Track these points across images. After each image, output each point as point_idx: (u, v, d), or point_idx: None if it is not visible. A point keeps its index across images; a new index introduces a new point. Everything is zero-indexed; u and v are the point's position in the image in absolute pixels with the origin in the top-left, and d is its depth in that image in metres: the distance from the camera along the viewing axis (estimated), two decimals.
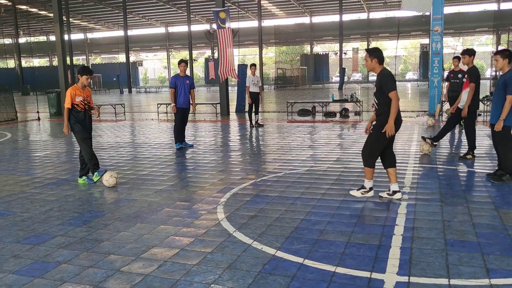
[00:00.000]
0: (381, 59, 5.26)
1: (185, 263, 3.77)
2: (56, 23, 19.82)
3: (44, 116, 19.11)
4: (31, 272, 3.68)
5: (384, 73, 5.22)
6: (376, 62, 5.25)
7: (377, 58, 5.24)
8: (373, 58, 5.24)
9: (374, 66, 5.27)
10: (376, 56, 5.24)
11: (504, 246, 3.95)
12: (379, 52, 5.32)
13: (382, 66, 5.29)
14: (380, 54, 5.28)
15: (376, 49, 5.39)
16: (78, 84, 6.64)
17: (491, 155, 7.91)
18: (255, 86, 13.23)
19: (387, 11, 55.90)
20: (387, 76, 5.19)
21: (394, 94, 5.10)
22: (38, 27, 63.76)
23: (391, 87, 5.13)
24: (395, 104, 5.11)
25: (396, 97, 5.10)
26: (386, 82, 5.16)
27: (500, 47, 38.75)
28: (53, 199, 5.89)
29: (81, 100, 6.56)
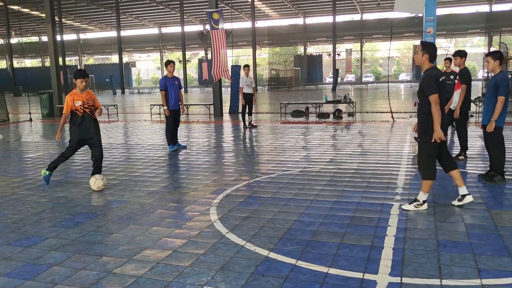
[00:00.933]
0: (433, 56, 4.94)
1: (178, 264, 3.76)
2: (48, 24, 19.71)
3: (36, 117, 18.99)
4: (22, 274, 3.66)
5: (428, 74, 4.91)
6: (427, 58, 4.93)
7: (428, 54, 4.92)
8: (424, 53, 4.92)
9: (423, 62, 4.96)
10: (428, 52, 4.92)
11: (496, 246, 3.97)
12: (433, 48, 4.97)
13: (431, 64, 4.97)
14: (433, 51, 4.94)
15: (431, 44, 5.04)
16: (75, 89, 6.52)
17: (483, 156, 7.96)
18: (249, 87, 13.24)
19: (380, 13, 56.22)
20: (431, 77, 4.86)
21: (434, 98, 4.77)
22: (30, 28, 63.38)
23: (432, 90, 4.79)
24: (435, 109, 4.77)
25: (435, 101, 4.76)
26: (427, 83, 4.86)
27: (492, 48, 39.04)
28: (45, 201, 5.85)
29: (80, 105, 6.40)
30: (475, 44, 66.51)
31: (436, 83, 4.86)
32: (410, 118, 15.02)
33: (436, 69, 5.02)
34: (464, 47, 61.03)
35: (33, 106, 22.17)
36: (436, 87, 4.83)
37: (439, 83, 4.90)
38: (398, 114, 15.83)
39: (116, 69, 52.01)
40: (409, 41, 65.11)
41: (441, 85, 4.91)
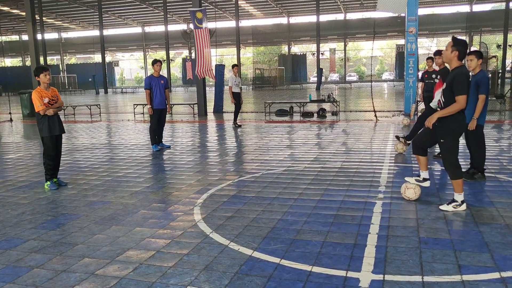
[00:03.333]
0: (463, 54, 4.78)
1: (161, 265, 3.74)
2: (28, 22, 19.43)
3: (16, 117, 18.67)
4: (2, 277, 3.59)
5: (461, 72, 4.73)
6: (456, 55, 4.76)
7: (458, 52, 4.74)
8: (454, 50, 4.75)
9: (451, 59, 4.80)
10: (459, 49, 4.74)
11: (476, 243, 4.04)
12: (464, 46, 4.78)
13: (460, 63, 4.78)
14: (464, 49, 4.77)
15: (462, 42, 4.83)
16: (40, 86, 6.38)
17: (464, 154, 8.07)
18: (237, 87, 13.29)
19: (364, 12, 56.68)
20: (463, 77, 4.69)
21: (462, 99, 4.64)
22: (10, 26, 62.28)
23: (463, 90, 4.63)
24: (455, 107, 4.68)
25: (462, 102, 4.64)
26: (459, 83, 4.67)
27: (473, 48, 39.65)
28: (26, 202, 5.76)
29: (47, 102, 6.32)
30: None
31: (468, 83, 4.75)
32: (393, 117, 15.17)
33: (465, 68, 4.87)
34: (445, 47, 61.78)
35: (13, 106, 21.81)
36: (467, 87, 4.70)
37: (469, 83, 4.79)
38: (381, 113, 15.98)
39: (99, 69, 51.42)
40: (392, 40, 65.80)
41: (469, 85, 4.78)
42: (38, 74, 6.33)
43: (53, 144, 6.45)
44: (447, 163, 5.01)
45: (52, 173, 6.52)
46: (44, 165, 6.51)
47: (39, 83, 6.41)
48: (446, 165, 5.05)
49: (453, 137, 4.91)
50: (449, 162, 4.98)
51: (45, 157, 6.47)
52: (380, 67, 76.65)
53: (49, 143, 6.41)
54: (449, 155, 4.97)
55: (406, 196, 5.39)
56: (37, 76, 6.35)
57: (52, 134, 6.41)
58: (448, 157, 4.98)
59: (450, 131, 4.87)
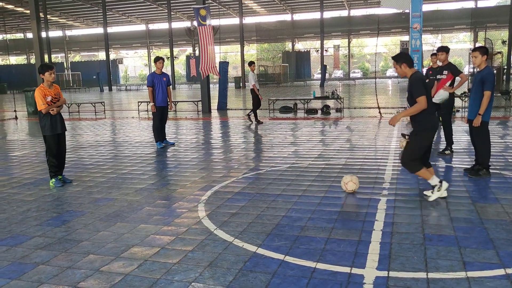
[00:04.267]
0: (410, 62, 5.08)
1: (166, 261, 3.75)
2: (33, 20, 19.48)
3: (21, 115, 18.74)
4: (8, 274, 3.62)
5: (415, 77, 5.04)
6: (406, 66, 5.06)
7: (405, 63, 5.06)
8: (401, 63, 5.07)
9: (404, 72, 5.09)
10: (404, 61, 5.06)
11: (480, 239, 4.03)
12: (405, 56, 5.12)
13: (413, 70, 5.09)
14: (407, 58, 5.09)
15: (401, 54, 5.19)
16: (43, 83, 6.38)
17: (469, 151, 8.05)
18: (257, 83, 13.40)
19: (368, 9, 56.42)
20: (418, 81, 4.99)
21: (422, 99, 4.90)
22: (14, 24, 62.46)
23: (421, 92, 4.92)
24: (417, 107, 4.94)
25: (422, 102, 4.90)
26: (416, 86, 4.98)
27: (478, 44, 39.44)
28: (31, 199, 5.79)
29: (50, 100, 6.32)
30: (461, 40, 67.15)
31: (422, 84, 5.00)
32: (398, 113, 15.12)
33: (418, 72, 5.15)
34: (450, 43, 61.60)
35: (18, 103, 21.90)
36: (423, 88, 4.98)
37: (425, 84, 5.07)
38: (386, 110, 15.94)
39: (103, 66, 51.52)
40: (396, 37, 65.48)
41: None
42: (43, 72, 6.33)
43: (55, 142, 6.47)
44: (405, 157, 5.20)
45: (57, 171, 6.54)
46: (48, 162, 6.53)
47: (42, 80, 6.41)
48: (403, 159, 5.23)
49: (424, 136, 5.13)
50: (408, 157, 5.18)
51: (48, 155, 6.50)
52: (384, 64, 76.32)
53: (51, 141, 6.44)
54: (412, 151, 5.16)
55: (349, 190, 5.58)
56: (42, 73, 6.34)
57: (54, 133, 6.43)
58: (410, 152, 5.17)
59: (423, 130, 5.09)
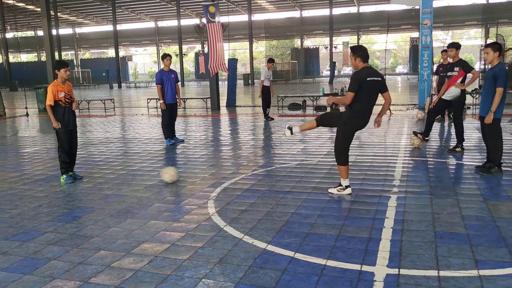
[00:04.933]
0: (364, 57, 5.19)
1: (176, 258, 3.77)
2: (43, 18, 19.61)
3: (32, 112, 18.90)
4: (21, 269, 3.65)
5: (353, 74, 5.25)
6: (360, 60, 5.19)
7: (360, 57, 5.18)
8: (356, 57, 5.20)
9: (357, 65, 5.22)
10: (360, 54, 5.19)
11: (493, 237, 3.99)
12: (362, 50, 5.24)
13: (366, 64, 5.21)
14: (363, 52, 5.21)
15: (359, 47, 5.30)
16: (58, 79, 6.45)
17: (480, 148, 7.98)
18: (268, 80, 13.35)
19: (377, 5, 55.97)
20: (354, 77, 5.18)
21: (348, 95, 5.15)
22: (25, 22, 62.92)
23: (351, 88, 5.12)
24: (342, 99, 5.35)
25: (349, 98, 5.13)
26: (351, 82, 5.17)
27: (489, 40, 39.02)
28: (43, 195, 5.84)
29: (63, 96, 6.40)
30: (472, 36, 66.47)
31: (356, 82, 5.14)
32: (407, 110, 15.03)
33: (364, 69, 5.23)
34: (461, 39, 61.00)
35: (29, 100, 22.09)
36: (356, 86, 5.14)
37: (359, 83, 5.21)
38: (395, 107, 15.84)
39: (113, 63, 51.71)
40: (406, 33, 65.00)
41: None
42: (59, 68, 6.42)
43: (68, 138, 6.52)
44: (335, 148, 5.46)
45: (68, 167, 6.60)
46: (59, 158, 6.59)
47: (56, 76, 6.47)
48: (335, 149, 5.47)
49: (344, 128, 5.32)
50: (336, 148, 5.43)
51: (60, 151, 6.56)
52: (393, 61, 75.88)
53: (63, 137, 6.50)
54: (337, 141, 5.43)
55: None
56: (58, 70, 6.43)
57: (66, 129, 6.50)
58: (337, 143, 5.44)
59: (343, 122, 5.31)
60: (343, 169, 5.41)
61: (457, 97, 7.97)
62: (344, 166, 5.39)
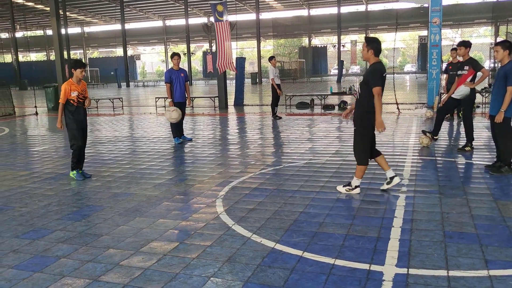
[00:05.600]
0: (377, 50, 5.15)
1: (185, 256, 3.78)
2: (52, 17, 19.71)
3: (41, 110, 19.05)
4: (31, 266, 3.69)
5: (373, 68, 5.14)
6: (372, 53, 5.13)
7: (373, 50, 5.12)
8: (369, 48, 5.13)
9: (369, 57, 5.17)
10: (373, 47, 5.12)
11: (503, 237, 3.96)
12: (377, 43, 5.17)
13: (377, 58, 5.19)
14: (377, 45, 5.15)
15: (374, 39, 5.23)
16: (72, 78, 6.53)
17: (490, 147, 7.92)
18: (278, 78, 13.21)
19: (386, 3, 55.70)
20: (373, 71, 5.11)
21: (377, 90, 5.03)
22: (34, 21, 63.40)
23: (376, 82, 5.04)
24: (377, 100, 5.06)
25: (378, 93, 5.03)
26: (372, 77, 5.09)
27: (499, 38, 38.67)
28: (52, 194, 5.88)
29: (76, 95, 6.48)
30: (482, 34, 65.89)
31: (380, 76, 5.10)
32: (416, 109, 14.94)
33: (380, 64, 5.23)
34: (470, 38, 60.45)
35: (38, 99, 22.25)
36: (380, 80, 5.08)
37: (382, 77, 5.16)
38: (404, 106, 15.76)
39: (121, 62, 52.03)
40: (414, 32, 64.62)
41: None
42: (76, 68, 6.52)
43: (80, 135, 6.61)
44: (355, 149, 5.44)
45: (77, 164, 6.66)
46: (72, 154, 6.67)
47: (71, 75, 6.57)
48: (356, 150, 5.42)
49: (362, 127, 5.27)
50: (356, 149, 5.41)
51: (73, 147, 6.64)
52: (402, 59, 75.46)
53: (77, 135, 6.60)
54: (356, 142, 5.38)
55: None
56: (74, 69, 6.52)
57: (79, 127, 6.58)
58: (356, 144, 5.39)
59: (359, 121, 5.27)
60: (362, 169, 5.37)
61: (466, 96, 7.91)
62: (365, 166, 5.36)
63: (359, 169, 5.39)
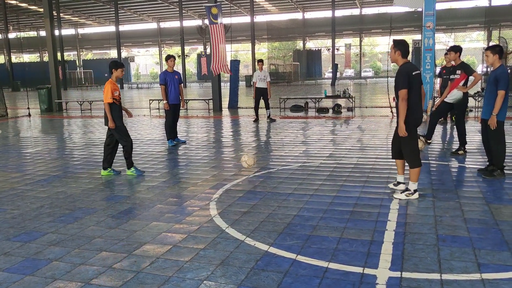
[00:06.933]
0: (405, 52, 5.17)
1: (178, 259, 3.76)
2: (46, 18, 19.61)
3: (34, 112, 18.94)
4: (22, 269, 3.65)
5: (400, 69, 5.16)
6: (399, 54, 5.16)
7: (400, 51, 5.15)
8: (396, 50, 5.17)
9: (396, 58, 5.21)
10: (400, 49, 5.16)
11: (495, 241, 3.97)
12: (404, 45, 5.19)
13: (405, 60, 5.21)
14: (404, 47, 5.17)
15: (402, 41, 5.23)
16: (112, 78, 6.73)
17: (483, 151, 7.95)
18: (262, 82, 13.37)
19: (380, 7, 56.03)
20: (400, 73, 5.13)
21: (402, 93, 5.04)
22: (28, 22, 63.09)
23: (402, 85, 5.06)
24: (401, 104, 5.07)
25: (403, 96, 5.03)
26: (397, 79, 5.13)
27: (491, 43, 38.94)
28: (44, 196, 5.84)
29: (118, 94, 6.72)
30: (474, 39, 66.40)
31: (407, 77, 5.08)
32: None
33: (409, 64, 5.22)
34: (463, 42, 60.97)
35: (31, 101, 22.12)
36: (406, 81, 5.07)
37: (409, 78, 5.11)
38: None
39: None
40: (408, 35, 64.95)
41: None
42: (116, 68, 6.71)
43: (125, 131, 6.83)
44: (405, 153, 5.37)
45: (112, 162, 6.92)
46: (125, 149, 6.84)
47: (110, 75, 6.79)
48: (405, 154, 5.37)
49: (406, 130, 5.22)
50: (407, 153, 5.34)
51: (125, 143, 6.81)
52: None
53: (125, 130, 6.84)
54: (405, 145, 5.34)
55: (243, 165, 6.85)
56: (115, 69, 6.70)
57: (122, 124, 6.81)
58: (405, 148, 5.34)
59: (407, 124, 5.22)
60: (417, 171, 5.29)
61: (459, 100, 7.96)
62: (418, 167, 5.28)
63: (413, 172, 5.29)
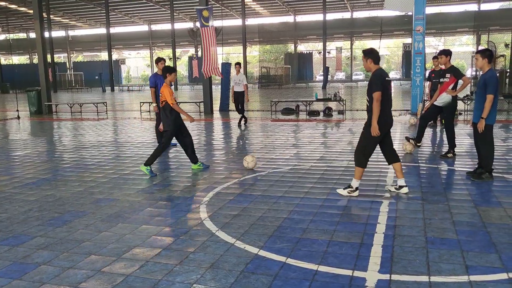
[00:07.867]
0: (376, 59, 5.41)
1: (167, 263, 3.74)
2: (36, 20, 19.47)
3: (24, 114, 18.77)
4: (9, 273, 3.61)
5: (374, 74, 5.41)
6: (371, 62, 5.39)
7: (371, 59, 5.39)
8: (367, 58, 5.40)
9: (369, 66, 5.43)
10: (370, 57, 5.39)
11: (483, 243, 4.01)
12: (373, 53, 5.45)
13: (377, 66, 5.43)
14: (374, 55, 5.42)
15: (370, 50, 5.52)
16: (166, 82, 6.95)
17: (472, 154, 8.03)
18: (238, 85, 13.22)
19: (370, 11, 56.39)
20: (374, 77, 5.37)
21: (376, 95, 5.27)
22: (17, 24, 62.64)
23: (376, 87, 5.28)
24: (375, 105, 5.28)
25: (377, 97, 5.26)
26: (372, 82, 5.36)
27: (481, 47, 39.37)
28: (33, 199, 5.79)
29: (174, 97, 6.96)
30: (464, 42, 67.05)
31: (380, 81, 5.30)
32: (400, 116, 15.11)
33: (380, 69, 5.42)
34: (453, 46, 61.51)
35: (21, 103, 21.94)
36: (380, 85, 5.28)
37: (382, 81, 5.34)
38: None
39: (106, 66, 51.53)
40: (398, 39, 65.46)
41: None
42: (170, 72, 6.95)
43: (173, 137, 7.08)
44: (359, 150, 5.58)
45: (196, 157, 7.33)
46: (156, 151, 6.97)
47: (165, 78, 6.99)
48: (356, 151, 5.61)
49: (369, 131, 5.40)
50: (360, 151, 5.57)
51: (162, 146, 6.96)
52: (386, 66, 76.30)
53: (171, 136, 7.00)
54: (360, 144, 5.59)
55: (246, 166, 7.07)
56: (169, 73, 6.93)
57: (176, 129, 7.03)
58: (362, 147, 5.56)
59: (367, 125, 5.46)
60: (360, 171, 5.56)
61: (448, 103, 8.03)
62: (362, 168, 5.55)
63: (356, 170, 5.57)
